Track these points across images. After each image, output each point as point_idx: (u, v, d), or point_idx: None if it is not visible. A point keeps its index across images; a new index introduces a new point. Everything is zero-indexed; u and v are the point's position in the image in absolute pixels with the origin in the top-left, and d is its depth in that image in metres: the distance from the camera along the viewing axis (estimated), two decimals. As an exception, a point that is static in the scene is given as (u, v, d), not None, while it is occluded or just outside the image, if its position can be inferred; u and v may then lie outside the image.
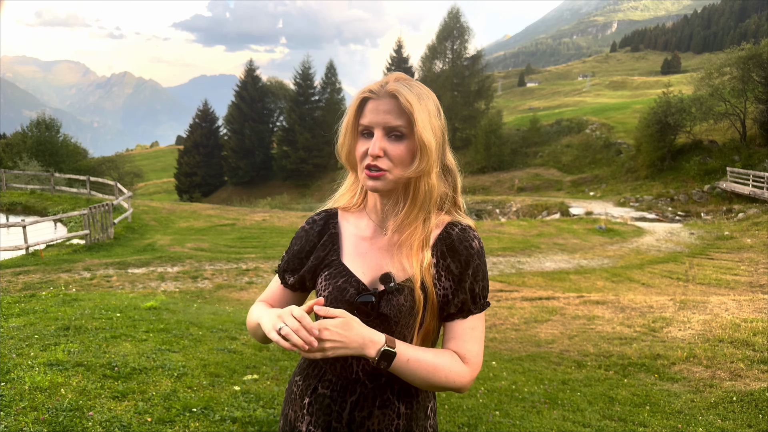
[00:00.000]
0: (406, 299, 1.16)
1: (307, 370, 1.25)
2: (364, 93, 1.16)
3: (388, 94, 1.14)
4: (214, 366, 3.99)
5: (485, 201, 29.54)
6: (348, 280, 1.18)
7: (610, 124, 42.40)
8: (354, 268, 1.21)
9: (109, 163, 41.30)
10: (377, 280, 1.18)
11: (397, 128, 1.13)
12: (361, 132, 1.17)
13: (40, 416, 2.75)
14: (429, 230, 1.19)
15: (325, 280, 1.21)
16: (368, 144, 1.15)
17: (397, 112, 1.13)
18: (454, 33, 50.24)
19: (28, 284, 8.91)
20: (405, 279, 1.17)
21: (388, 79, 1.16)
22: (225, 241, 14.51)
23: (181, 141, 74.34)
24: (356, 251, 1.23)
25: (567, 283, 10.71)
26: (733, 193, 24.11)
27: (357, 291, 1.17)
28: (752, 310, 7.13)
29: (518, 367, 5.31)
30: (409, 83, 1.16)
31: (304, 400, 1.22)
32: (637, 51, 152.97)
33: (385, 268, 1.19)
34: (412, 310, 1.16)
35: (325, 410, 1.19)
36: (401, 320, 1.16)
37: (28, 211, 19.50)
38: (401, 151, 1.14)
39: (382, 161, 1.13)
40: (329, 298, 1.18)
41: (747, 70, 27.66)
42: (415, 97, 1.13)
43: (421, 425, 1.23)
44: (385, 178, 1.14)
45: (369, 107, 1.15)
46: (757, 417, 3.93)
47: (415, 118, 1.12)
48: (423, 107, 1.14)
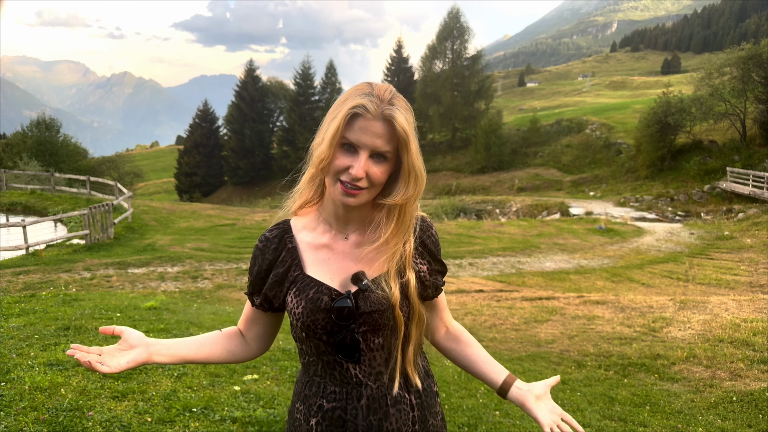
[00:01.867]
0: (383, 292, 1.16)
1: (305, 391, 1.22)
2: (356, 108, 1.11)
3: (382, 116, 1.11)
4: (214, 366, 3.99)
5: (485, 201, 29.54)
6: (318, 289, 1.16)
7: (610, 124, 42.41)
8: (320, 276, 1.19)
9: (109, 163, 41.31)
10: (348, 282, 1.17)
11: (383, 153, 1.11)
12: (342, 144, 1.12)
13: (40, 416, 2.75)
14: (408, 252, 1.19)
15: (295, 297, 1.18)
16: (349, 159, 1.11)
17: (388, 137, 1.10)
18: (454, 33, 50.25)
19: (28, 284, 8.92)
20: (378, 275, 1.18)
21: (382, 98, 1.11)
22: (225, 241, 14.51)
23: (181, 141, 74.34)
24: (318, 260, 1.21)
25: (567, 283, 10.71)
26: (733, 193, 24.12)
27: (330, 298, 1.15)
28: (752, 310, 7.12)
29: (518, 367, 5.31)
30: (400, 105, 1.12)
31: (310, 422, 1.19)
32: (637, 51, 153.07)
33: (353, 270, 1.18)
34: (389, 302, 1.16)
35: (337, 423, 1.16)
36: (386, 313, 1.15)
37: (28, 211, 19.50)
38: (380, 173, 1.12)
39: (362, 181, 1.11)
40: (305, 312, 1.15)
41: (747, 70, 27.67)
42: (407, 125, 1.11)
43: (434, 412, 1.26)
44: (360, 195, 1.13)
45: (359, 124, 1.10)
46: (757, 417, 3.93)
47: (410, 147, 1.11)
48: (414, 134, 1.13)
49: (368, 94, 1.11)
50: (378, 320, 1.16)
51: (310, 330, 1.16)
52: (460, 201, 29.32)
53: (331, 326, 1.14)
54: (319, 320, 1.14)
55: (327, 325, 1.14)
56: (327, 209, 1.23)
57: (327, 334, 1.15)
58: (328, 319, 1.14)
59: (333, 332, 1.15)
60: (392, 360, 1.19)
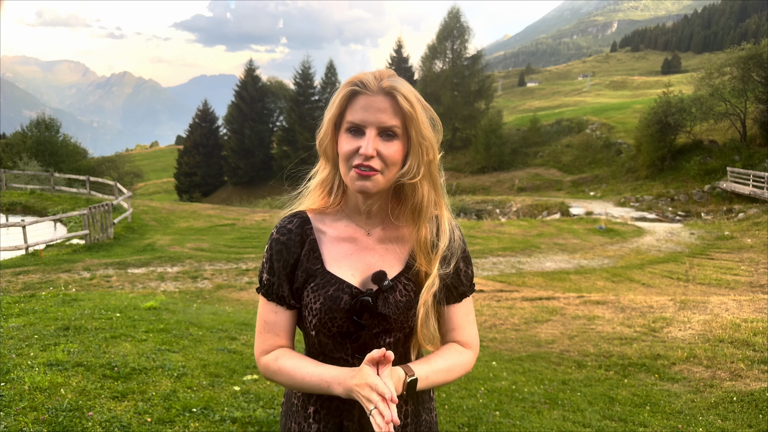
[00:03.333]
0: (401, 295, 1.15)
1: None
2: (353, 85, 1.09)
3: (383, 90, 1.08)
4: (214, 366, 3.99)
5: (485, 201, 29.53)
6: (339, 287, 1.13)
7: (610, 124, 42.40)
8: (341, 273, 1.15)
9: (109, 163, 41.33)
10: (368, 280, 1.15)
11: (391, 128, 1.09)
12: (348, 129, 1.10)
13: (40, 416, 2.75)
14: (425, 245, 1.17)
15: (313, 292, 1.14)
16: (356, 142, 1.08)
17: (393, 111, 1.08)
18: (454, 33, 50.23)
19: (27, 284, 8.91)
20: (397, 275, 1.16)
21: (381, 75, 1.10)
22: (225, 241, 14.50)
23: (181, 141, 74.32)
24: (340, 255, 1.17)
25: (567, 283, 10.71)
26: (733, 193, 24.11)
27: (351, 296, 1.12)
28: (752, 310, 7.12)
29: (518, 367, 5.30)
30: (401, 80, 1.12)
31: (308, 409, 1.18)
32: (637, 51, 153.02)
33: (375, 267, 1.16)
34: (408, 305, 1.15)
35: (335, 412, 1.16)
36: (399, 317, 1.14)
37: (27, 211, 19.49)
38: (393, 152, 1.09)
39: (375, 161, 1.07)
40: (323, 309, 1.12)
41: (747, 70, 27.66)
42: (411, 95, 1.09)
43: (427, 407, 1.25)
44: (376, 178, 1.08)
45: (360, 103, 1.08)
46: (757, 417, 3.92)
47: (417, 118, 1.08)
48: (420, 107, 1.11)
49: (366, 73, 1.12)
50: (392, 324, 1.14)
51: (325, 327, 1.13)
52: (460, 201, 29.31)
53: (347, 326, 1.13)
54: (337, 319, 1.12)
55: (343, 325, 1.13)
56: (349, 205, 1.20)
57: (341, 333, 1.14)
58: (345, 318, 1.12)
59: (348, 332, 1.14)
60: (397, 356, 1.19)
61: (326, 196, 1.21)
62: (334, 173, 1.20)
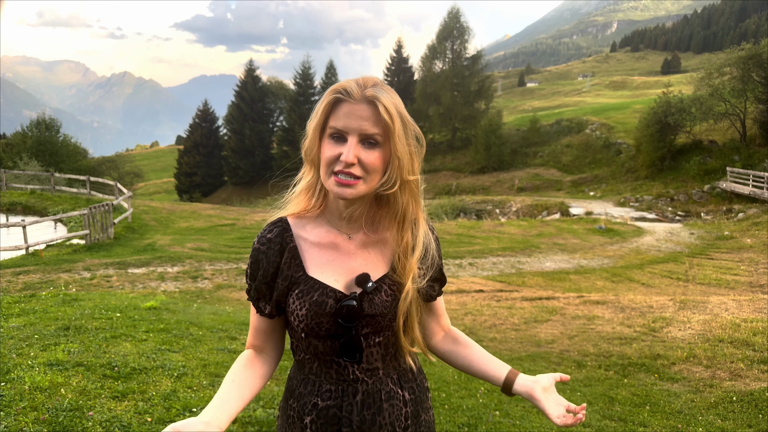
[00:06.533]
0: (387, 294, 1.16)
1: (299, 389, 1.20)
2: (336, 93, 1.10)
3: (366, 99, 1.09)
4: (214, 366, 3.99)
5: (485, 201, 29.54)
6: (323, 292, 1.14)
7: (610, 124, 42.41)
8: (324, 278, 1.16)
9: (109, 163, 41.36)
10: (352, 283, 1.16)
11: (372, 136, 1.09)
12: (331, 134, 1.11)
13: (40, 416, 2.75)
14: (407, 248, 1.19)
15: (298, 299, 1.14)
16: (338, 148, 1.09)
17: (374, 119, 1.08)
18: (454, 33, 50.25)
19: (28, 284, 8.91)
20: (381, 276, 1.18)
21: (366, 83, 1.11)
22: (225, 241, 14.50)
23: (181, 141, 74.33)
24: (322, 261, 1.18)
25: (567, 283, 10.71)
26: (733, 193, 24.12)
27: (336, 301, 1.13)
28: (752, 310, 7.12)
29: (518, 367, 5.31)
30: (385, 89, 1.12)
31: (305, 420, 1.18)
32: (637, 51, 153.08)
33: (358, 271, 1.17)
34: (395, 303, 1.16)
35: (332, 420, 1.16)
36: (388, 315, 1.16)
37: (28, 211, 19.49)
38: (374, 159, 1.09)
39: (356, 168, 1.08)
40: (309, 315, 1.12)
41: (747, 70, 27.67)
42: (392, 106, 1.09)
43: (425, 407, 1.27)
44: (357, 186, 1.09)
45: (344, 110, 1.09)
46: (757, 417, 3.93)
47: (395, 129, 1.08)
48: (400, 118, 1.11)
49: (350, 81, 1.12)
50: (381, 322, 1.16)
51: (312, 332, 1.14)
52: (460, 201, 29.32)
53: (335, 329, 1.14)
54: (324, 323, 1.13)
55: (331, 328, 1.13)
56: (331, 210, 1.21)
57: (330, 336, 1.15)
58: (332, 322, 1.13)
59: (336, 335, 1.14)
60: (389, 356, 1.20)
61: (309, 200, 1.22)
62: (318, 178, 1.20)
